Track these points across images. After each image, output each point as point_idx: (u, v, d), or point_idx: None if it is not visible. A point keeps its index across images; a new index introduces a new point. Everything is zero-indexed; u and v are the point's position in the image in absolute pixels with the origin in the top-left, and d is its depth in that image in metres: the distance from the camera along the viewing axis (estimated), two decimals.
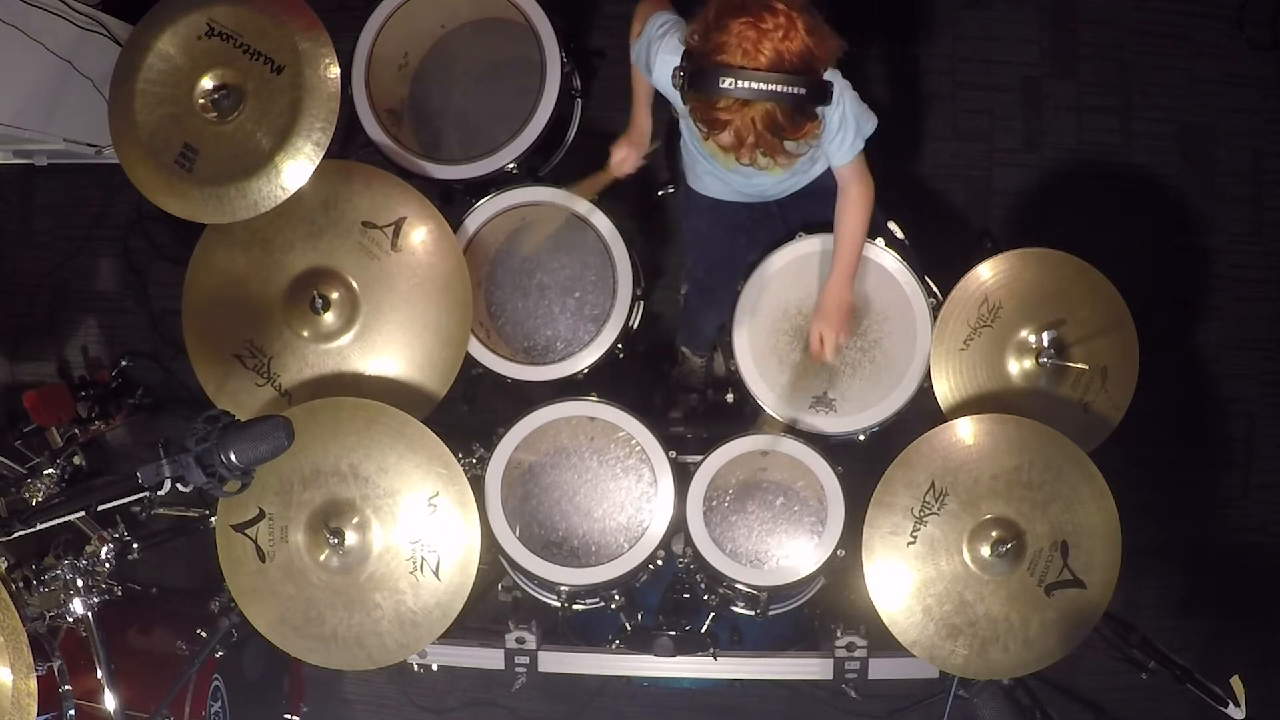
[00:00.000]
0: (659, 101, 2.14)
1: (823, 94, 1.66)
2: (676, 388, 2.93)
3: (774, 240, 2.31)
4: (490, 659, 2.37)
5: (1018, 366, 2.20)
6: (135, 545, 2.20)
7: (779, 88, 1.61)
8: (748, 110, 1.63)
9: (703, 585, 2.36)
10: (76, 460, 2.82)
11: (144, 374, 3.17)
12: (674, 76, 1.73)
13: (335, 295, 2.19)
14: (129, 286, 3.22)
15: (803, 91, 1.62)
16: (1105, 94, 3.04)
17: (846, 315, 2.19)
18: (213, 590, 2.22)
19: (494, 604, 2.63)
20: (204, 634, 2.23)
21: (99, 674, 2.02)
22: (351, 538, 2.04)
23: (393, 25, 2.40)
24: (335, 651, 2.07)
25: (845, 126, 1.96)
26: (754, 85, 1.60)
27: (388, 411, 2.06)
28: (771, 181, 2.20)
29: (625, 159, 2.26)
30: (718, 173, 2.20)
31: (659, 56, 1.92)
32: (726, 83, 1.61)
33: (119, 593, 2.15)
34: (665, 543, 2.22)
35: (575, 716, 3.07)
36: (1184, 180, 3.04)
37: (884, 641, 2.14)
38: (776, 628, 2.48)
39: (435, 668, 2.41)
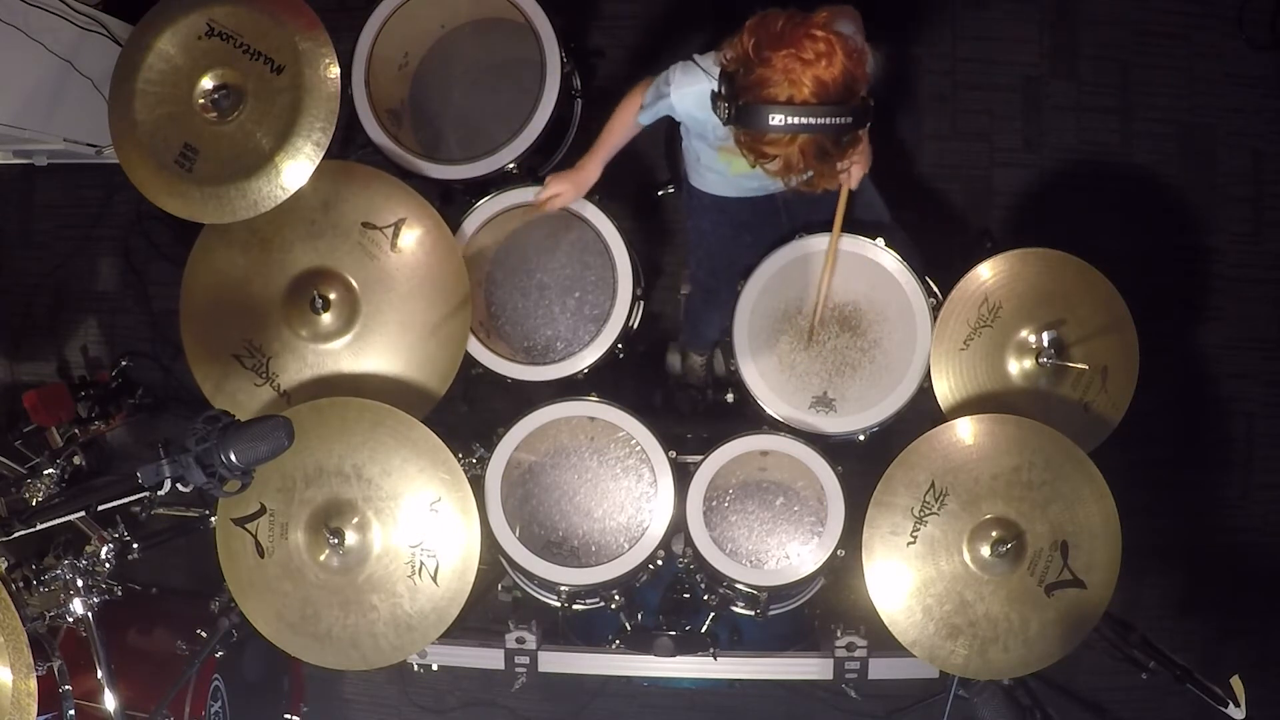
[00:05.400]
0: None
1: (866, 116, 1.67)
2: (676, 388, 2.93)
3: (778, 239, 2.31)
4: (490, 659, 2.36)
5: (1018, 366, 2.20)
6: (135, 545, 2.20)
7: (826, 120, 1.62)
8: (795, 142, 1.65)
9: (703, 585, 2.36)
10: (76, 460, 2.81)
11: (144, 374, 3.16)
12: (714, 103, 1.73)
13: (335, 295, 2.19)
14: (129, 286, 3.22)
15: (849, 120, 1.63)
16: (1105, 94, 3.04)
17: (867, 145, 2.17)
18: (213, 591, 2.22)
19: (494, 604, 2.63)
20: (204, 634, 2.23)
21: (99, 674, 2.02)
22: (351, 538, 2.04)
23: (393, 25, 2.40)
24: (329, 650, 2.07)
25: None
26: (801, 120, 1.61)
27: (394, 414, 2.06)
28: None
29: (558, 197, 2.22)
30: (720, 169, 2.20)
31: (677, 91, 1.92)
32: (775, 120, 1.62)
33: (119, 593, 2.15)
34: (665, 543, 2.22)
35: (575, 716, 3.07)
36: (1184, 180, 3.04)
37: (884, 641, 2.14)
38: (776, 628, 2.48)
39: (435, 668, 2.40)
